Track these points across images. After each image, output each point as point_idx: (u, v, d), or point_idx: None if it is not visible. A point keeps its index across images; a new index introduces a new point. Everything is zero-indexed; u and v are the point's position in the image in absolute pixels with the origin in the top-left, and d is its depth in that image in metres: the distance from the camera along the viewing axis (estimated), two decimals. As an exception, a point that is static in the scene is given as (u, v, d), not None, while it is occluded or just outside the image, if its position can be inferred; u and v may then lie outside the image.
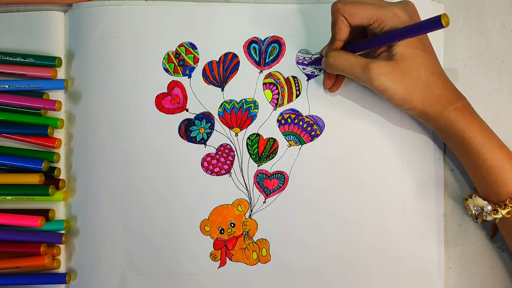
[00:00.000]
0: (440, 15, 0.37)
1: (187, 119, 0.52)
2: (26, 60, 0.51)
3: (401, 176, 0.51)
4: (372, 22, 0.44)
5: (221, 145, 0.52)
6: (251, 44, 0.52)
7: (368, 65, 0.44)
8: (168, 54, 0.52)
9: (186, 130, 0.52)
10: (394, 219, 0.51)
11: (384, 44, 0.44)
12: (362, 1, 0.45)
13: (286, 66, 0.52)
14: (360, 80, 0.46)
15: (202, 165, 0.52)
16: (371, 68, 0.44)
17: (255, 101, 0.52)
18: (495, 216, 0.45)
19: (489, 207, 0.46)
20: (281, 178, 0.51)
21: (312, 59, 0.52)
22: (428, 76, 0.44)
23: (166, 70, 0.52)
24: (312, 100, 0.52)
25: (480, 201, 0.46)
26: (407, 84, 0.44)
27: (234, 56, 0.52)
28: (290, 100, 0.52)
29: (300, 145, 0.51)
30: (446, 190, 0.51)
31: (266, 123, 0.52)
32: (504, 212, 0.45)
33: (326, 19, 0.51)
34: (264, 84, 0.52)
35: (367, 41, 0.45)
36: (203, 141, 0.52)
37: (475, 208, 0.47)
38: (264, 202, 0.51)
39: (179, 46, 0.52)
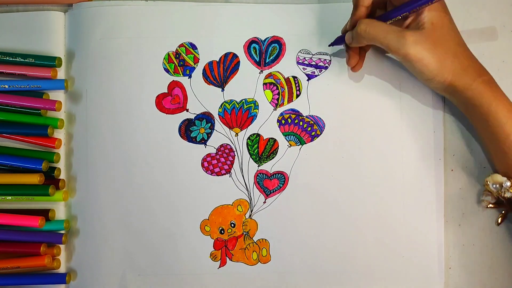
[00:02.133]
0: None
1: (187, 119, 0.52)
2: (26, 60, 0.51)
3: (401, 176, 0.51)
4: None
5: (221, 145, 0.52)
6: (251, 44, 0.52)
7: (403, 32, 0.43)
8: (168, 54, 0.52)
9: (186, 130, 0.52)
10: (395, 219, 0.51)
11: (415, 9, 0.43)
12: None
13: (287, 66, 0.52)
14: (392, 49, 0.44)
15: (202, 165, 0.52)
16: (406, 35, 0.43)
17: (255, 101, 0.52)
18: None
19: (508, 183, 0.45)
20: (281, 178, 0.51)
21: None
22: (456, 47, 0.44)
23: (167, 70, 0.52)
24: (312, 100, 0.52)
25: (499, 177, 0.46)
26: (438, 54, 0.43)
27: (235, 56, 0.52)
28: (290, 100, 0.52)
29: (300, 145, 0.51)
30: (446, 190, 0.51)
31: (266, 123, 0.52)
32: None
33: (326, 19, 0.51)
34: (265, 84, 0.52)
35: (394, 10, 0.44)
36: (203, 141, 0.52)
37: (494, 185, 0.46)
38: (264, 202, 0.51)
39: (179, 46, 0.52)
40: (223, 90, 0.52)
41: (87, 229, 0.52)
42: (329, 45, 0.51)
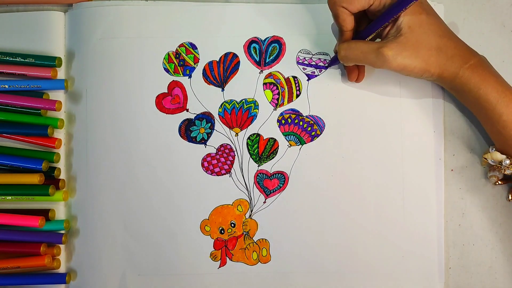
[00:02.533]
0: None
1: (187, 119, 0.52)
2: (26, 60, 0.51)
3: (401, 176, 0.51)
4: (372, 1, 0.44)
5: (221, 145, 0.52)
6: (251, 44, 0.52)
7: (380, 50, 0.44)
8: (168, 54, 0.52)
9: (187, 130, 0.52)
10: (394, 219, 0.51)
11: (390, 20, 0.44)
12: None
13: (287, 66, 0.52)
14: (375, 65, 0.45)
15: (202, 165, 0.52)
16: (384, 51, 0.44)
17: (255, 101, 0.52)
18: None
19: (508, 161, 0.46)
20: (281, 178, 0.51)
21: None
22: (438, 40, 0.44)
23: (167, 70, 0.52)
24: (312, 100, 0.52)
25: (499, 155, 0.47)
26: (422, 54, 0.44)
27: (235, 56, 0.52)
28: (290, 100, 0.52)
29: (300, 145, 0.51)
30: (446, 190, 0.51)
31: (266, 123, 0.52)
32: None
33: (326, 19, 0.52)
34: (265, 84, 0.52)
35: (372, 24, 0.45)
36: (203, 141, 0.52)
37: (492, 161, 0.47)
38: (264, 202, 0.51)
39: (179, 46, 0.52)
40: (223, 90, 0.52)
41: (87, 229, 0.52)
42: (327, 67, 0.51)
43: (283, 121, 0.52)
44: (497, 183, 0.49)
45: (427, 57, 0.44)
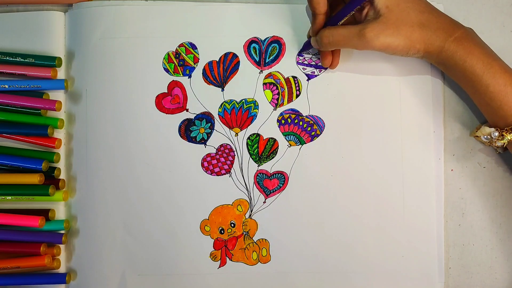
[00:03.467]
0: None
1: (187, 119, 0.52)
2: (26, 60, 0.51)
3: (401, 176, 0.51)
4: None
5: (221, 145, 0.52)
6: (251, 44, 0.52)
7: (361, 32, 0.44)
8: (168, 54, 0.52)
9: (186, 130, 0.52)
10: (394, 219, 0.51)
11: (363, 2, 0.44)
12: None
13: (286, 66, 0.52)
14: (359, 48, 0.46)
15: (202, 165, 0.52)
16: (365, 33, 0.44)
17: (255, 101, 0.52)
18: (503, 141, 0.46)
19: (496, 133, 0.46)
20: (281, 178, 0.51)
21: (308, 55, 0.52)
22: (419, 16, 0.45)
23: (166, 70, 0.52)
24: (312, 100, 0.52)
25: (487, 129, 0.47)
26: (404, 32, 0.44)
27: (234, 56, 0.52)
28: (290, 100, 0.52)
29: (300, 145, 0.51)
30: (446, 190, 0.51)
31: (266, 123, 0.52)
32: (510, 136, 0.45)
33: (326, 19, 0.51)
34: (264, 84, 0.52)
35: (347, 5, 0.46)
36: (203, 141, 0.52)
37: (485, 137, 0.47)
38: (264, 202, 0.51)
39: (179, 46, 0.52)
40: (223, 90, 0.52)
41: (87, 229, 0.52)
42: (299, 53, 0.51)
43: (283, 121, 0.52)
44: (498, 153, 0.50)
45: (409, 34, 0.44)
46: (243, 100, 0.52)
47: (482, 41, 0.46)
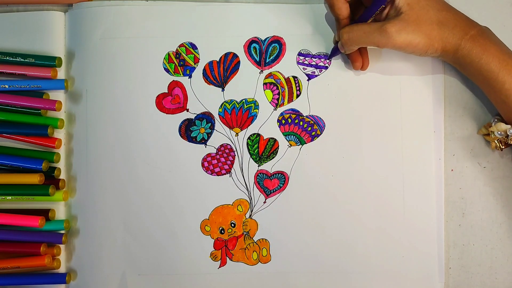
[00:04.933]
0: None
1: (187, 119, 0.52)
2: (26, 60, 0.51)
3: (401, 176, 0.51)
4: None
5: (222, 145, 0.52)
6: (252, 44, 0.52)
7: (383, 27, 0.44)
8: (168, 54, 0.52)
9: (187, 130, 0.52)
10: (394, 219, 0.51)
11: (386, 1, 0.44)
12: None
13: (287, 66, 0.52)
14: (380, 44, 0.46)
15: (203, 165, 0.52)
16: (387, 27, 0.44)
17: (256, 101, 0.52)
18: None
19: None
20: (282, 178, 0.51)
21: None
22: (437, 14, 0.45)
23: (167, 70, 0.52)
24: (313, 100, 0.52)
25: (503, 126, 0.47)
26: (424, 29, 0.44)
27: (235, 56, 0.52)
28: (290, 100, 0.52)
29: (300, 145, 0.51)
30: (446, 190, 0.51)
31: (266, 123, 0.52)
32: None
33: (327, 19, 0.51)
34: (265, 84, 0.52)
35: (369, 8, 0.46)
36: (204, 141, 0.52)
37: (499, 133, 0.47)
38: (264, 202, 0.51)
39: (179, 46, 0.52)
40: (223, 90, 0.52)
41: (87, 229, 0.52)
42: (328, 59, 0.51)
43: (283, 121, 0.52)
44: (499, 149, 0.49)
45: (429, 32, 0.45)
46: (244, 100, 0.52)
47: (498, 39, 0.46)
